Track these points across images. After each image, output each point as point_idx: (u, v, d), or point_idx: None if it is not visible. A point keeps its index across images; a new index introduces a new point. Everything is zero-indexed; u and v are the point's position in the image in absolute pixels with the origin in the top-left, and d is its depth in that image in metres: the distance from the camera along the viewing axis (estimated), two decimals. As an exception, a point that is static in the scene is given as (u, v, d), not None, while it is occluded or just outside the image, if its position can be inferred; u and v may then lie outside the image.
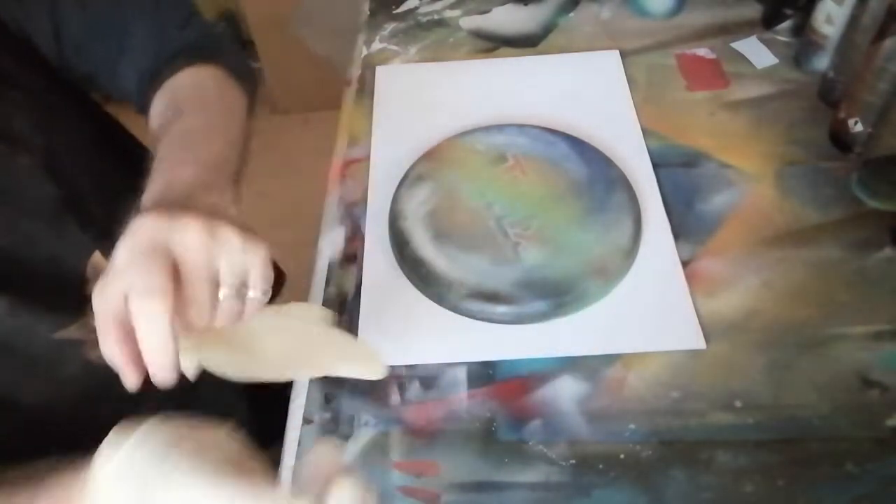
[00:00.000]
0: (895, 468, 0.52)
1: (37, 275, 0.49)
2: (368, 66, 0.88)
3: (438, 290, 0.63)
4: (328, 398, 0.59)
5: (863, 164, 0.71)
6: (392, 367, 0.60)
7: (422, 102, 0.83)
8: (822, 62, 0.79)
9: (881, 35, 0.65)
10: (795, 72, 0.82)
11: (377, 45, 0.91)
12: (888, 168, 0.70)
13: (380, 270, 0.67)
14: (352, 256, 0.69)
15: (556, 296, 0.61)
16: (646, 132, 0.77)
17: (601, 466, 0.54)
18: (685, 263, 0.65)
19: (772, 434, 0.54)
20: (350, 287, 0.66)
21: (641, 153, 0.74)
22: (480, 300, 0.62)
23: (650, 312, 0.62)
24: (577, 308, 0.62)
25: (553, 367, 0.59)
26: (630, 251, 0.65)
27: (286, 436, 0.58)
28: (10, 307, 0.47)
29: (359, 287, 0.66)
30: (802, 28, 0.81)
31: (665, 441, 0.55)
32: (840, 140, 0.73)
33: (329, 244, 0.70)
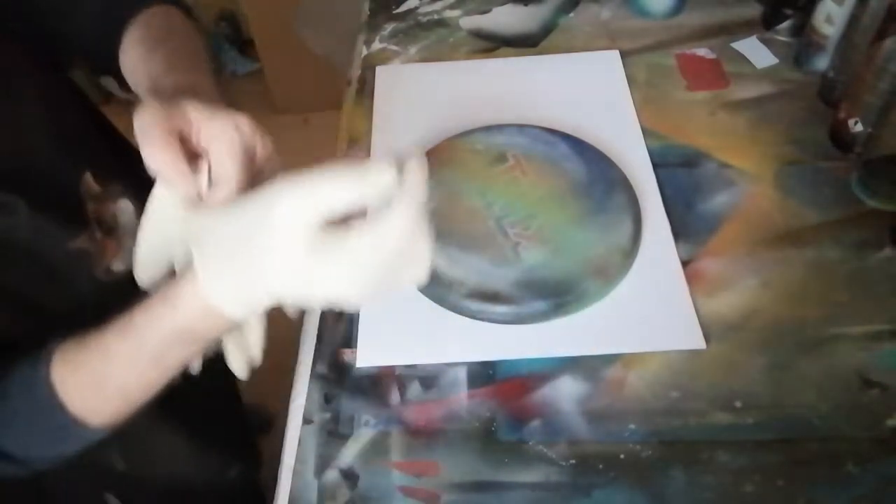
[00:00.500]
0: (895, 468, 0.52)
1: (46, 184, 0.51)
2: (368, 66, 0.88)
3: (438, 290, 0.63)
4: (328, 398, 0.59)
5: (863, 164, 0.71)
6: (392, 367, 0.61)
7: (422, 102, 0.83)
8: (822, 62, 0.79)
9: (881, 35, 0.65)
10: (795, 72, 0.82)
11: (377, 45, 0.91)
12: (888, 168, 0.70)
13: (380, 270, 0.67)
14: (352, 256, 0.68)
15: (556, 296, 0.61)
16: (646, 132, 0.77)
17: (601, 466, 0.54)
18: (685, 263, 0.65)
19: (772, 434, 0.54)
20: (350, 287, 0.66)
21: (641, 153, 0.74)
22: (480, 300, 0.62)
23: (650, 312, 0.62)
24: (577, 308, 0.62)
25: (553, 367, 0.59)
26: (630, 251, 0.65)
27: (286, 435, 0.58)
28: (30, 210, 0.49)
29: (359, 287, 0.66)
30: (802, 28, 0.81)
31: (665, 441, 0.55)
32: (840, 140, 0.73)
33: (329, 244, 0.70)
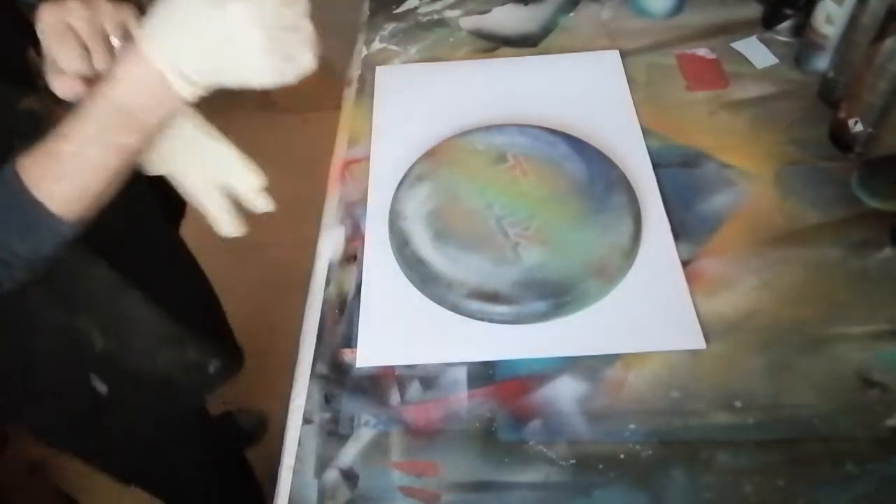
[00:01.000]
0: (895, 468, 0.52)
1: None
2: (368, 66, 0.88)
3: (438, 290, 0.63)
4: (328, 398, 0.59)
5: (863, 164, 0.71)
6: (392, 367, 0.61)
7: (422, 102, 0.83)
8: (822, 62, 0.79)
9: (881, 35, 0.65)
10: (795, 72, 0.82)
11: (377, 45, 0.91)
12: (888, 168, 0.70)
13: (380, 270, 0.67)
14: (352, 256, 0.69)
15: (556, 296, 0.61)
16: (646, 132, 0.77)
17: (601, 466, 0.54)
18: (685, 263, 0.65)
19: (772, 434, 0.54)
20: (350, 287, 0.66)
21: (641, 153, 0.74)
22: (480, 300, 0.62)
23: (650, 312, 0.62)
24: (577, 308, 0.62)
25: (553, 367, 0.59)
26: (630, 251, 0.65)
27: (286, 435, 0.58)
28: None
29: (359, 287, 0.66)
30: (802, 28, 0.81)
31: (665, 441, 0.55)
32: (840, 140, 0.73)
33: (329, 244, 0.70)
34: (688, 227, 0.68)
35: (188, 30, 0.44)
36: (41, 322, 0.65)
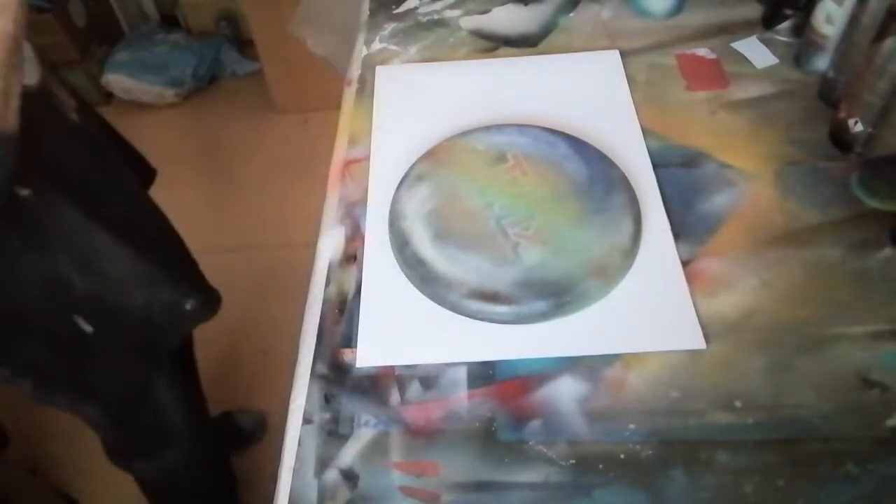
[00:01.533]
0: (895, 468, 0.52)
1: None
2: (368, 66, 0.88)
3: (438, 290, 0.63)
4: (328, 398, 0.59)
5: (863, 164, 0.71)
6: (392, 367, 0.61)
7: (422, 102, 0.83)
8: (822, 62, 0.79)
9: (881, 35, 0.65)
10: (795, 72, 0.82)
11: (377, 45, 0.91)
12: (888, 168, 0.71)
13: (380, 270, 0.67)
14: (352, 256, 0.69)
15: (556, 296, 0.62)
16: (646, 132, 0.77)
17: (601, 466, 0.54)
18: (685, 263, 0.65)
19: (772, 434, 0.55)
20: (350, 287, 0.66)
21: (641, 153, 0.74)
22: (480, 300, 0.62)
23: (650, 312, 0.62)
24: (577, 308, 0.62)
25: (553, 367, 0.59)
26: (630, 251, 0.65)
27: (286, 435, 0.58)
28: None
29: (359, 287, 0.66)
30: (802, 28, 0.81)
31: (665, 441, 0.55)
32: (840, 140, 0.73)
33: (329, 244, 0.70)
34: (688, 227, 0.68)
35: None
36: (21, 269, 0.69)
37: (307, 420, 0.58)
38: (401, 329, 0.63)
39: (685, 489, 0.52)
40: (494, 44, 0.90)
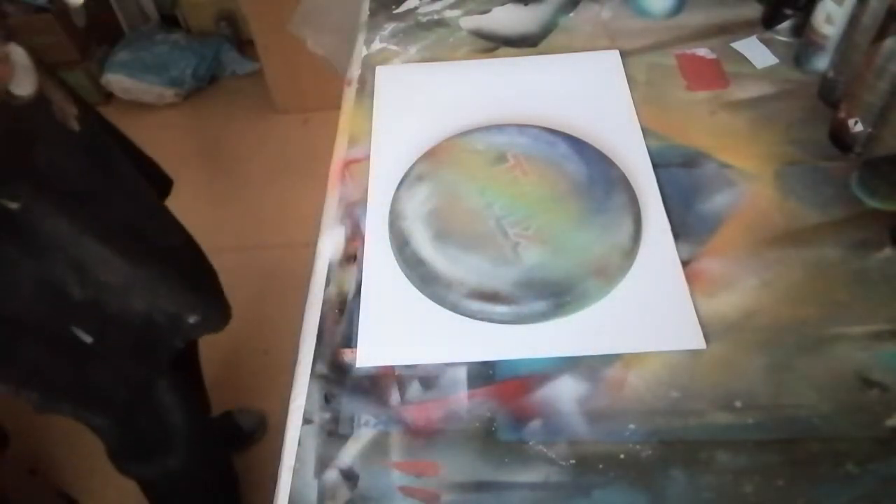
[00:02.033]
0: (895, 468, 0.52)
1: None
2: (368, 66, 0.88)
3: (438, 290, 0.63)
4: (328, 398, 0.59)
5: (863, 164, 0.71)
6: (392, 367, 0.61)
7: (422, 102, 0.83)
8: (822, 62, 0.79)
9: (881, 35, 0.65)
10: (795, 72, 0.82)
11: (377, 45, 0.91)
12: (888, 168, 0.70)
13: (380, 270, 0.67)
14: (352, 256, 0.69)
15: (556, 296, 0.62)
16: (646, 132, 0.77)
17: (601, 466, 0.54)
18: (685, 263, 0.65)
19: (772, 434, 0.55)
20: (350, 287, 0.66)
21: (641, 153, 0.74)
22: (480, 300, 0.62)
23: (650, 312, 0.62)
24: (577, 308, 0.62)
25: (553, 367, 0.59)
26: (630, 251, 0.65)
27: (286, 435, 0.58)
28: None
29: (359, 287, 0.66)
30: (802, 28, 0.81)
31: (665, 441, 0.55)
32: (840, 140, 0.73)
33: (329, 244, 0.70)
34: (688, 227, 0.68)
35: None
36: (21, 275, 0.69)
37: (307, 420, 0.58)
38: (401, 329, 0.63)
39: (685, 489, 0.52)
40: (494, 44, 0.90)
